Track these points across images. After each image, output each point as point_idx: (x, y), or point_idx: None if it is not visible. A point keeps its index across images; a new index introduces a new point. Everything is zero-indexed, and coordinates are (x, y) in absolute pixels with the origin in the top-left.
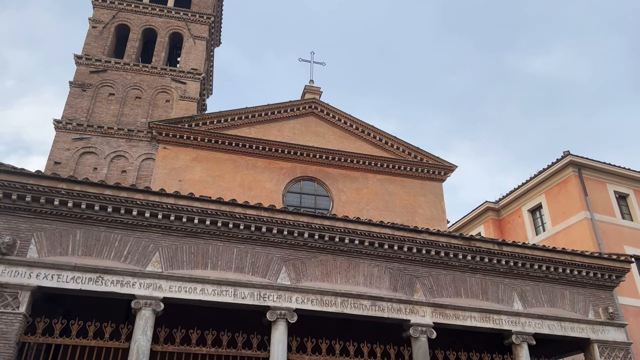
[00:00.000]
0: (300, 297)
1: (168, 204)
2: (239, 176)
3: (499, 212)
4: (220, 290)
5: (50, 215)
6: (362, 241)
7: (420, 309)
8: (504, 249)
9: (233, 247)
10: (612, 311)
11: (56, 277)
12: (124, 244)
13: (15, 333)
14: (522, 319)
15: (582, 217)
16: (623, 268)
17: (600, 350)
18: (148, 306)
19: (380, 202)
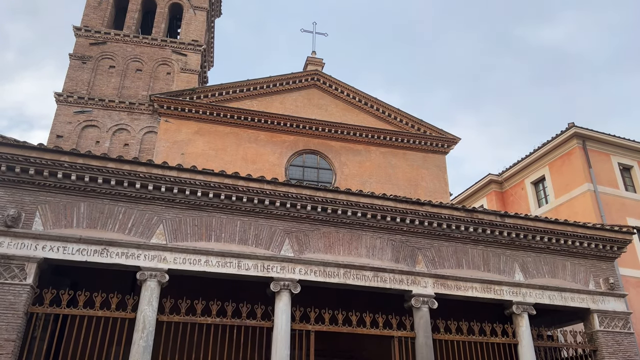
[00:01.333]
0: (303, 268)
1: (171, 176)
2: (241, 149)
3: (502, 185)
4: (224, 262)
5: (54, 188)
6: (364, 214)
7: (422, 280)
8: (506, 220)
9: (236, 219)
10: (613, 282)
11: (62, 249)
12: (128, 216)
13: (23, 304)
14: (523, 289)
15: (585, 189)
16: (624, 239)
17: (600, 320)
18: (153, 277)
19: (383, 175)
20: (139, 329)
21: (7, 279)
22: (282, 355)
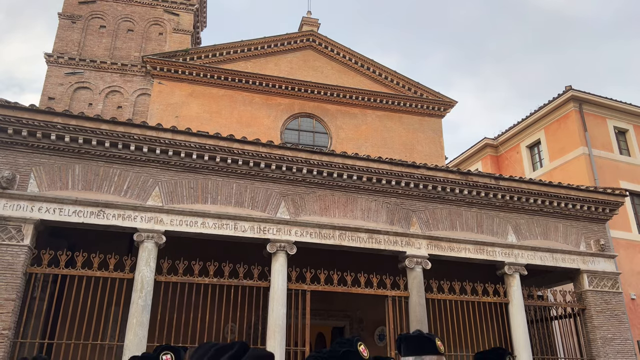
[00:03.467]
0: (299, 230)
1: (165, 139)
2: (236, 112)
3: (497, 149)
4: (220, 224)
5: (48, 150)
6: (360, 177)
7: (416, 242)
8: (501, 183)
9: (232, 182)
10: (604, 243)
11: (58, 210)
12: (123, 178)
13: (21, 264)
14: (515, 250)
15: (580, 152)
16: (617, 202)
17: (589, 280)
18: (150, 239)
19: (379, 139)
20: (137, 289)
21: (4, 240)
22: (279, 314)
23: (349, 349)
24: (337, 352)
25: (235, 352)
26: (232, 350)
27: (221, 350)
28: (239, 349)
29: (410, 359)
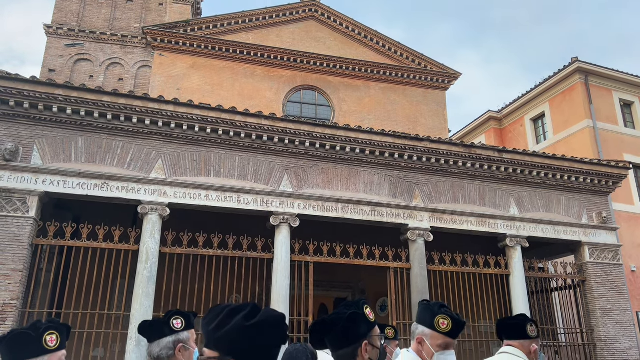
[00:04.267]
0: (302, 203)
1: (167, 111)
2: (237, 85)
3: (501, 122)
4: (224, 197)
5: (50, 122)
6: (363, 150)
7: (419, 214)
8: (504, 156)
9: (235, 155)
10: (606, 216)
11: (62, 183)
12: (126, 151)
13: (27, 236)
14: (517, 223)
15: (584, 125)
16: (620, 174)
17: (591, 252)
18: (154, 211)
19: (382, 112)
20: (142, 260)
21: (9, 212)
22: (282, 285)
23: (356, 311)
24: (343, 314)
25: (249, 312)
26: (245, 310)
27: (235, 310)
28: (252, 309)
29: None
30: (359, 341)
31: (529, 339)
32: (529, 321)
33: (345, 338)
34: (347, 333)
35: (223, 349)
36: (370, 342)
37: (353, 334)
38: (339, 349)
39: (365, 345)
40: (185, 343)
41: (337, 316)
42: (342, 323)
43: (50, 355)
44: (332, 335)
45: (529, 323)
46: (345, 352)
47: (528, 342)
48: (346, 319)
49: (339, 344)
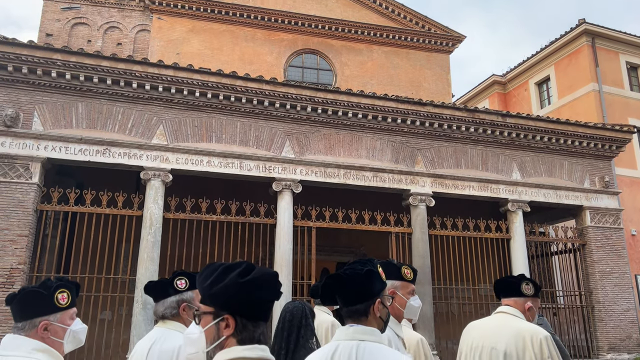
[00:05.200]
0: (304, 169)
1: (167, 76)
2: (237, 49)
3: (506, 86)
4: (226, 163)
5: (50, 87)
6: (365, 115)
7: (421, 180)
8: (508, 120)
9: (236, 120)
10: (608, 180)
11: (64, 149)
12: (127, 117)
13: (31, 202)
14: (519, 188)
15: (589, 89)
16: (624, 138)
17: (592, 216)
18: (157, 177)
19: (385, 76)
20: (146, 226)
21: (13, 178)
22: (285, 250)
23: (373, 268)
24: (360, 270)
25: (243, 269)
26: (240, 268)
27: (229, 268)
28: (246, 267)
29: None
30: (373, 298)
31: (523, 297)
32: (525, 280)
33: (361, 294)
34: (362, 289)
35: (218, 304)
36: (382, 300)
37: (368, 290)
38: (353, 305)
39: (378, 302)
40: (190, 302)
41: (354, 272)
42: (359, 279)
43: (62, 312)
44: (347, 290)
45: (524, 281)
46: (358, 308)
47: (522, 300)
48: (363, 275)
49: (354, 300)
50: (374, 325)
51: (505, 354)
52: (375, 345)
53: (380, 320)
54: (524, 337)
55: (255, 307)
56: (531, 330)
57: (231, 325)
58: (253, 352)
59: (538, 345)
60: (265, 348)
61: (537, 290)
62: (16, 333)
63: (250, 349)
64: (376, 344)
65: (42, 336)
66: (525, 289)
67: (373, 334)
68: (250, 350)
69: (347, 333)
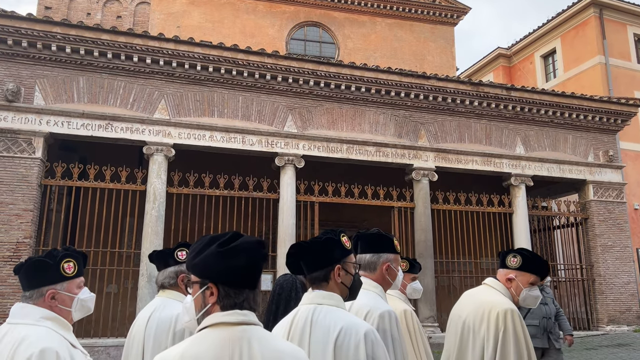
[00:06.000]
0: (307, 144)
1: (168, 49)
2: (239, 22)
3: (511, 59)
4: (228, 137)
5: (50, 61)
6: (368, 89)
7: (424, 154)
8: (512, 94)
9: (238, 95)
10: (612, 154)
11: (66, 124)
12: (128, 91)
13: (35, 176)
14: (522, 162)
15: (596, 61)
16: (629, 112)
17: (595, 190)
18: (159, 152)
19: (389, 49)
20: (150, 200)
21: (16, 153)
22: (288, 224)
23: (332, 237)
24: (320, 239)
25: (225, 240)
26: (223, 238)
27: (214, 238)
28: (230, 237)
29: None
30: (332, 265)
31: (506, 268)
32: (513, 252)
33: (320, 261)
34: (321, 256)
35: (200, 274)
36: (343, 267)
37: (327, 257)
38: (313, 271)
39: (337, 269)
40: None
41: (314, 240)
42: (317, 247)
43: (69, 281)
44: (308, 258)
45: (511, 254)
46: (319, 275)
47: (504, 272)
48: (322, 242)
49: (313, 267)
50: (335, 291)
51: (464, 324)
52: (332, 308)
53: (342, 286)
54: (484, 308)
55: (234, 274)
56: (494, 302)
57: (215, 293)
58: (233, 317)
59: (494, 318)
60: (247, 313)
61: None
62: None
63: (230, 314)
64: (333, 307)
65: (49, 304)
66: (511, 261)
67: (332, 298)
68: (230, 316)
69: (309, 297)
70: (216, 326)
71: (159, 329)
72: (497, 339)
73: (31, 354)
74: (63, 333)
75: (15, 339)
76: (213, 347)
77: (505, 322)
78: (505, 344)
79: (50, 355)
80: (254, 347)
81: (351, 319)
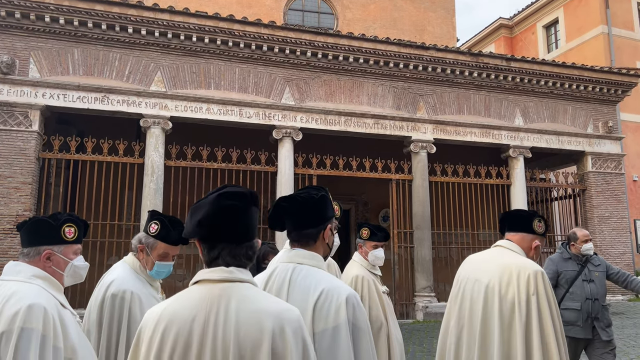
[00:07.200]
0: (304, 116)
1: (163, 20)
2: None
3: (513, 30)
4: (225, 110)
5: (44, 33)
6: (366, 60)
7: (422, 126)
8: (512, 64)
9: (235, 66)
10: (612, 125)
11: (62, 96)
12: (124, 63)
13: (33, 149)
14: (521, 133)
15: (598, 31)
16: (630, 82)
17: (593, 161)
18: (157, 125)
19: (388, 20)
20: (148, 173)
21: (13, 126)
22: None
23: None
24: (315, 194)
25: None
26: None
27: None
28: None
29: None
30: (324, 224)
31: (533, 234)
32: (538, 216)
33: (313, 218)
34: (315, 214)
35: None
36: (331, 227)
37: (321, 215)
38: (305, 229)
39: (329, 228)
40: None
41: (309, 195)
42: (313, 202)
43: (67, 246)
44: (300, 214)
45: (537, 218)
46: (311, 232)
47: (531, 237)
48: (318, 199)
49: (306, 224)
50: (318, 251)
51: (487, 287)
52: (313, 269)
53: (326, 246)
54: (510, 271)
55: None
56: (521, 264)
57: (200, 250)
58: (215, 273)
59: (525, 280)
60: (233, 270)
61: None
62: (20, 259)
63: (213, 270)
64: (314, 268)
65: (44, 264)
66: (538, 226)
67: (313, 258)
68: (213, 272)
69: (289, 256)
70: (200, 283)
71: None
72: (529, 302)
73: (19, 308)
74: (53, 292)
75: (5, 294)
76: (191, 304)
77: (537, 285)
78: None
79: (38, 311)
80: (230, 306)
81: (333, 281)
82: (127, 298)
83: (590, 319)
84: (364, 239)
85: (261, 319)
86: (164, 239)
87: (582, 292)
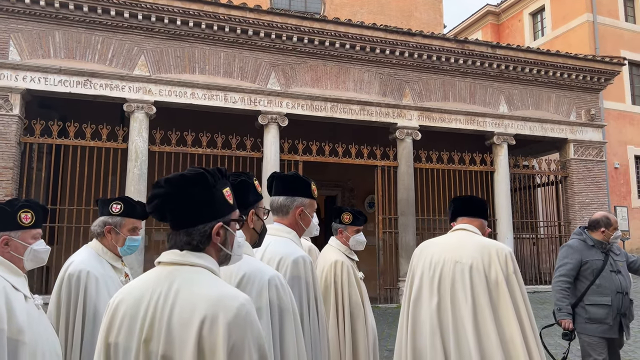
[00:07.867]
0: (290, 102)
1: (147, 2)
2: None
3: (499, 17)
4: (210, 95)
5: (24, 15)
6: (353, 45)
7: (408, 113)
8: (497, 52)
9: (220, 51)
10: (594, 113)
11: (43, 80)
12: (106, 46)
13: (14, 134)
14: (505, 121)
15: (584, 19)
16: (613, 70)
17: (575, 149)
18: (140, 109)
19: (376, 5)
20: (132, 159)
21: None
22: None
23: (246, 179)
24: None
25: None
26: None
27: None
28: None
29: (281, 199)
30: (246, 209)
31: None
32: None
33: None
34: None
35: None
36: (256, 212)
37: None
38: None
39: (251, 213)
40: (116, 227)
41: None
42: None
43: (24, 231)
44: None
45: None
46: None
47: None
48: (236, 185)
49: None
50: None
51: (471, 267)
52: None
53: (253, 231)
54: (489, 251)
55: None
56: (498, 245)
57: None
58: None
59: (504, 260)
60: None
61: None
62: None
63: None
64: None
65: (2, 249)
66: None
67: None
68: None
69: None
70: (159, 264)
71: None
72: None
73: None
74: (7, 276)
75: None
76: (143, 285)
77: (514, 264)
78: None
79: None
80: (172, 289)
81: (256, 264)
82: (83, 277)
83: (619, 315)
84: (347, 223)
85: (195, 304)
86: (131, 215)
87: (611, 285)
